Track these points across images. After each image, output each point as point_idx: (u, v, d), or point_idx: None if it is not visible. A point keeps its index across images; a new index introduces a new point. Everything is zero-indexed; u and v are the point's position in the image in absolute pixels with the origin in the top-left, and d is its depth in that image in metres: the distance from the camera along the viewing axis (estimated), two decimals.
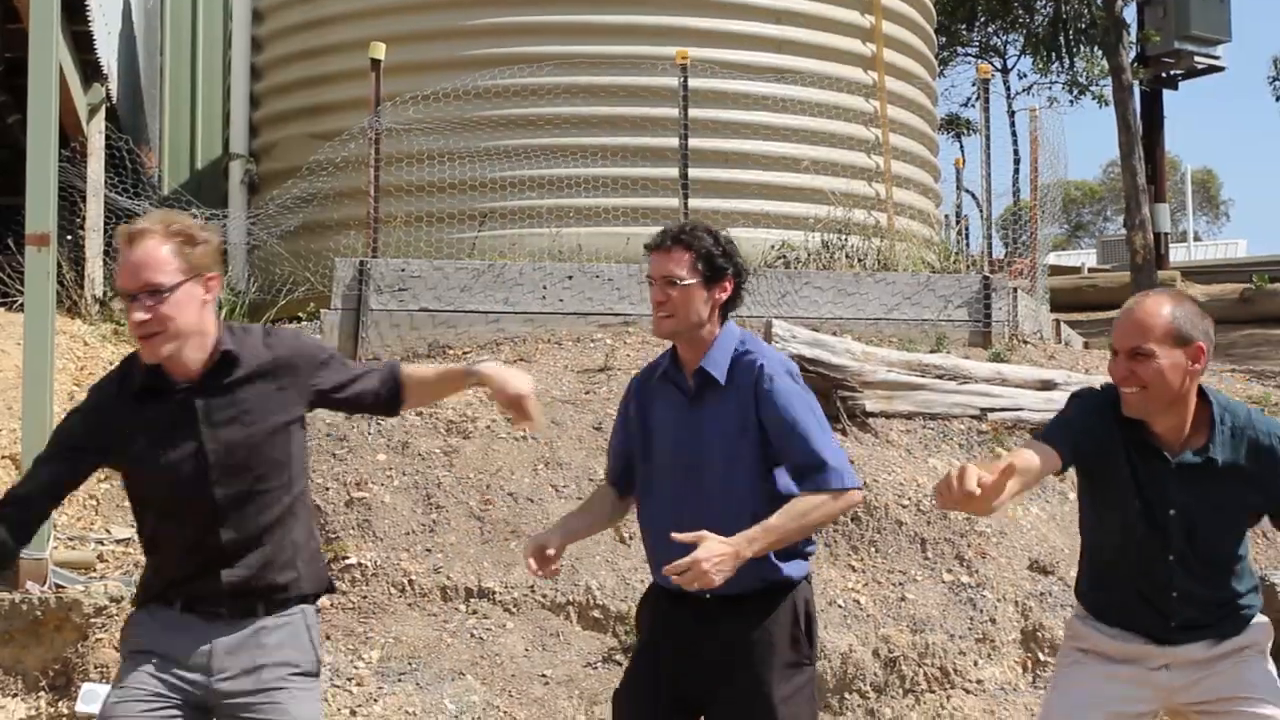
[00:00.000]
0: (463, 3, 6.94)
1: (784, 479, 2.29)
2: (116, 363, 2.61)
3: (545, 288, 5.97)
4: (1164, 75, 12.48)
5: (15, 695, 4.18)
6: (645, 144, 6.58)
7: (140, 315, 2.01)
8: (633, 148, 6.56)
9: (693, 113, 6.23)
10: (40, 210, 4.14)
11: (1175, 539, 2.18)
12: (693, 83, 6.32)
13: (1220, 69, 13.91)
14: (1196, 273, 14.20)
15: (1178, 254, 14.39)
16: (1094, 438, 2.16)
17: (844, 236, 6.34)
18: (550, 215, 6.25)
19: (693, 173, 6.12)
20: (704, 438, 2.30)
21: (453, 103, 6.37)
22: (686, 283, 2.41)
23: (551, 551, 2.46)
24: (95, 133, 6.67)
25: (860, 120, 6.98)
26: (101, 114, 6.74)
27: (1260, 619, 2.29)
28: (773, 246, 6.34)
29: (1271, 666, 2.30)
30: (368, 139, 6.13)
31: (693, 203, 6.04)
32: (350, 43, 6.77)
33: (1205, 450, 2.19)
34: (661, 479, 2.34)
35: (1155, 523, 2.17)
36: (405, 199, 6.44)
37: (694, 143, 6.14)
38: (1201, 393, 2.19)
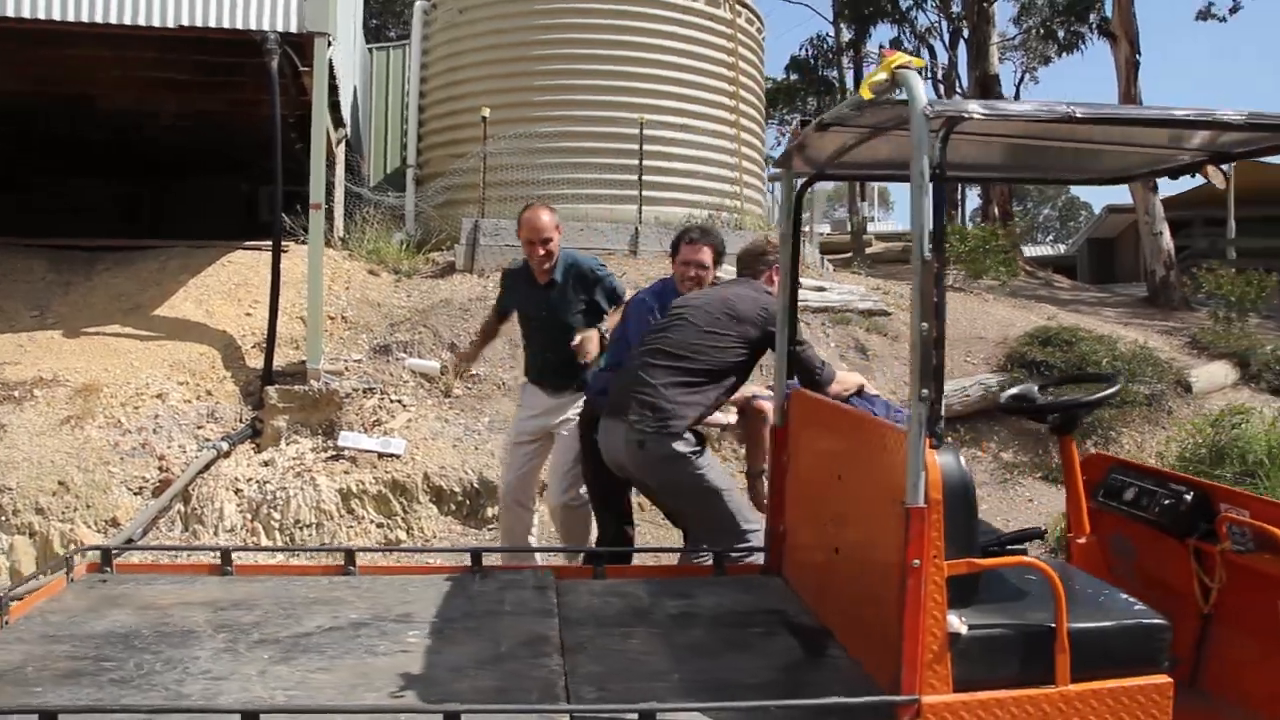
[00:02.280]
0: (527, 88, 10.35)
1: None
2: (350, 273, 6.55)
3: (568, 234, 9.30)
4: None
5: (305, 437, 6.49)
6: (620, 162, 9.90)
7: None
8: (613, 165, 9.97)
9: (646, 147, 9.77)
10: (317, 191, 6.86)
11: None
12: (646, 132, 9.77)
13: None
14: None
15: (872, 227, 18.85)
16: None
17: (720, 211, 10.08)
18: (572, 198, 9.64)
19: (647, 178, 9.71)
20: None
21: (521, 140, 9.84)
22: (708, 266, 4.14)
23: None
24: (339, 153, 9.73)
25: (727, 153, 10.74)
26: (343, 144, 9.96)
27: None
28: (686, 217, 9.83)
29: None
30: (480, 156, 9.67)
31: (645, 193, 9.70)
32: (470, 108, 10.20)
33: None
34: None
35: None
36: (498, 188, 9.70)
37: (647, 162, 9.75)
38: None
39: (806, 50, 18.76)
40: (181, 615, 2.81)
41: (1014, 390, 3.44)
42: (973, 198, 22.22)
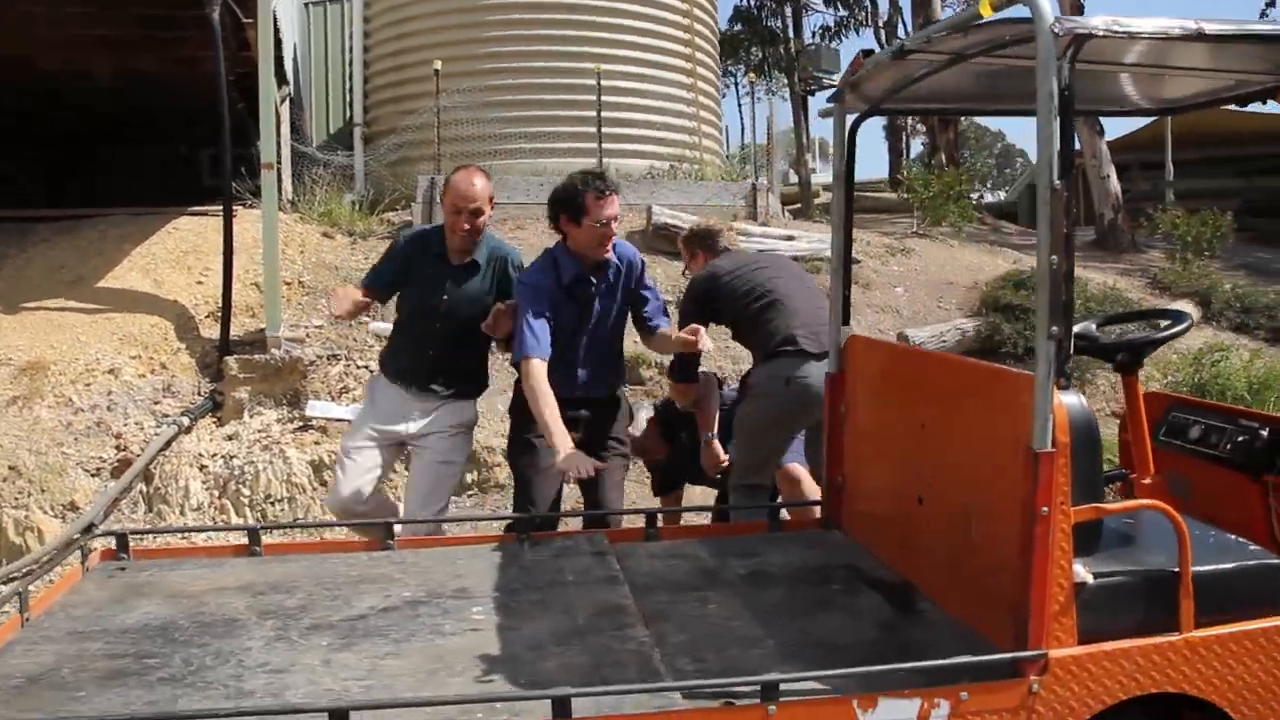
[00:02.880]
0: (479, 39, 9.89)
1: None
2: (303, 236, 6.18)
3: (528, 189, 8.55)
4: (809, 90, 18.34)
5: (269, 408, 6.10)
6: (578, 114, 9.59)
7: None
8: (571, 116, 9.68)
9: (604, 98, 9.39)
10: (268, 150, 6.51)
11: None
12: (604, 82, 9.35)
13: (834, 85, 19.12)
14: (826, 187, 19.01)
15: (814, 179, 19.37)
16: None
17: (682, 163, 9.84)
18: (531, 151, 9.38)
19: (606, 130, 9.33)
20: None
21: (475, 93, 9.41)
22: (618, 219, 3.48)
23: None
24: (284, 112, 9.08)
25: (685, 103, 10.56)
26: (287, 102, 9.38)
27: None
28: (647, 169, 9.71)
29: None
30: (433, 111, 9.09)
31: (605, 145, 9.33)
32: (418, 61, 9.76)
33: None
34: None
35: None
36: (453, 144, 9.11)
37: (605, 114, 9.37)
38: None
39: (750, 1, 18.49)
40: (218, 602, 2.55)
41: (1075, 329, 3.32)
42: (915, 145, 22.28)
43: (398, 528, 3.14)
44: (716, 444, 4.12)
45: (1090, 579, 2.17)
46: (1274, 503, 2.88)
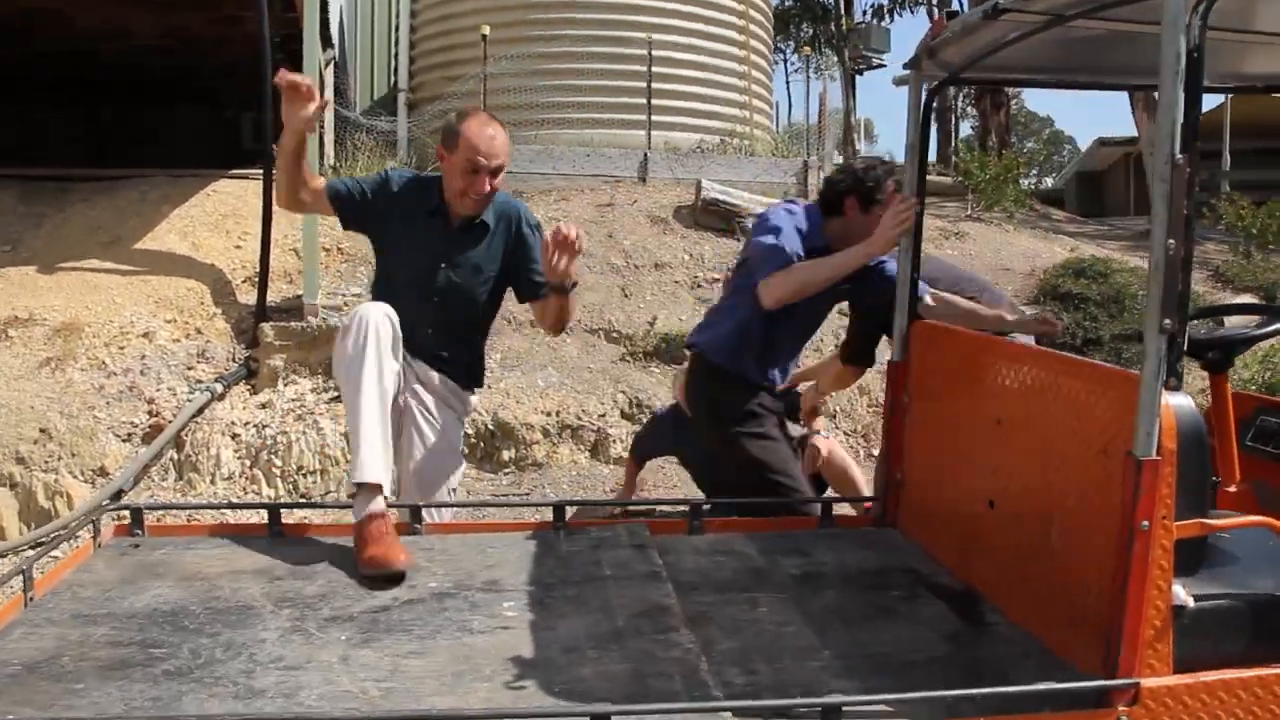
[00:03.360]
0: (528, 5, 9.70)
1: None
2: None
3: (574, 160, 8.63)
4: (858, 69, 18.48)
5: (304, 377, 5.98)
6: (628, 84, 9.39)
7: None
8: (620, 87, 9.45)
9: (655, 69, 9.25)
10: None
11: None
12: (655, 53, 9.24)
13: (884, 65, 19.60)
14: None
15: None
16: None
17: (732, 138, 9.55)
18: (578, 123, 9.16)
19: (655, 102, 9.19)
20: None
21: (523, 60, 9.20)
22: None
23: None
24: (328, 75, 9.14)
25: (736, 75, 10.25)
26: (331, 65, 9.33)
27: None
28: (697, 143, 9.47)
29: None
30: (480, 79, 9.03)
31: (654, 117, 9.16)
32: (465, 27, 9.63)
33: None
34: None
35: None
36: (498, 112, 9.58)
37: (655, 85, 9.26)
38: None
39: None
40: (233, 587, 2.39)
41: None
42: (964, 128, 21.74)
43: (428, 512, 2.94)
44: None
45: (1191, 602, 1.95)
46: None
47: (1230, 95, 11.56)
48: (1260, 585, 2.05)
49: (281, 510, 2.84)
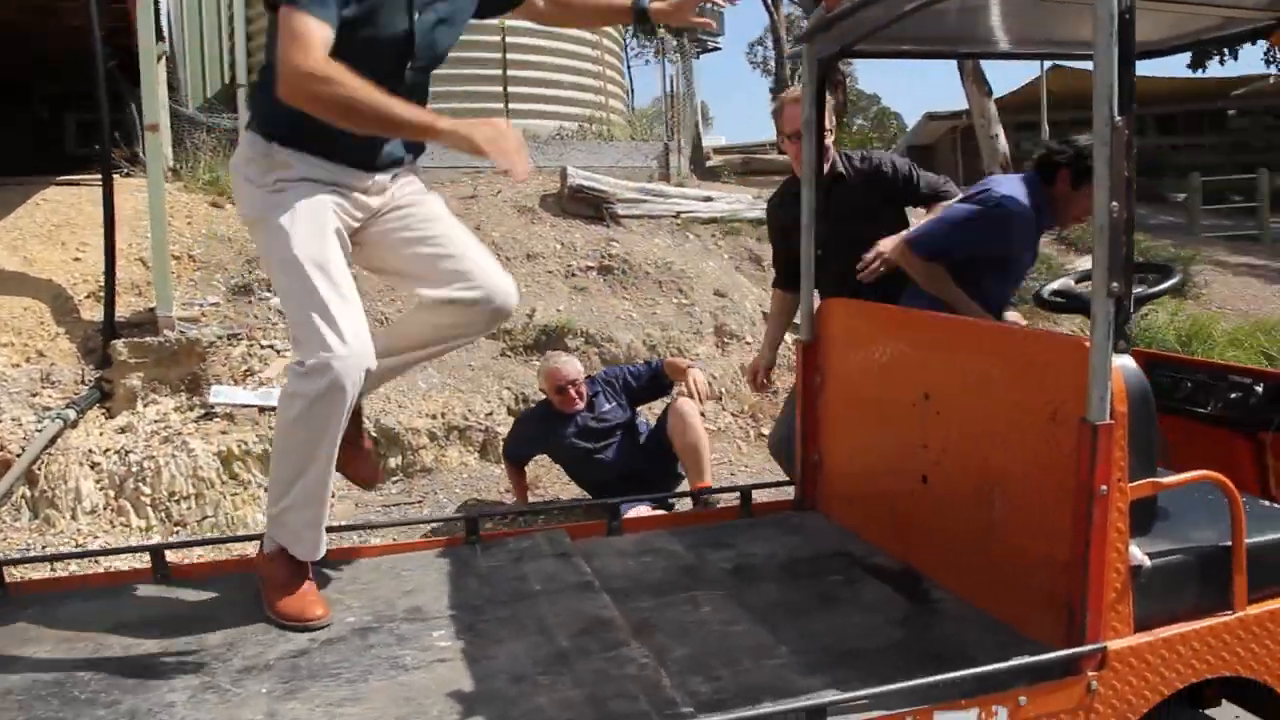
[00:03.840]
0: None
1: None
2: (189, 206, 5.47)
3: (430, 152, 8.67)
4: (696, 52, 18.81)
5: (165, 396, 5.47)
6: (483, 73, 9.20)
7: None
8: (476, 75, 9.16)
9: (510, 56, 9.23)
10: (152, 109, 5.90)
11: None
12: (509, 39, 9.15)
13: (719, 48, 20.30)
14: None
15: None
16: None
17: (590, 124, 9.45)
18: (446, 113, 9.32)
19: (511, 89, 9.15)
20: None
21: None
22: None
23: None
24: (161, 70, 8.13)
25: (590, 60, 10.24)
26: (163, 60, 8.34)
27: None
28: (556, 129, 9.31)
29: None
30: None
31: (511, 105, 9.02)
32: None
33: None
34: None
35: None
36: None
37: (511, 72, 9.19)
38: None
39: None
40: (124, 644, 2.13)
41: (1053, 285, 3.11)
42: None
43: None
44: None
45: (1147, 562, 1.94)
46: (1273, 461, 2.73)
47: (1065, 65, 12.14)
48: (1205, 537, 2.06)
49: (165, 550, 2.57)
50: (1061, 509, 1.93)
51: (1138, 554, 1.92)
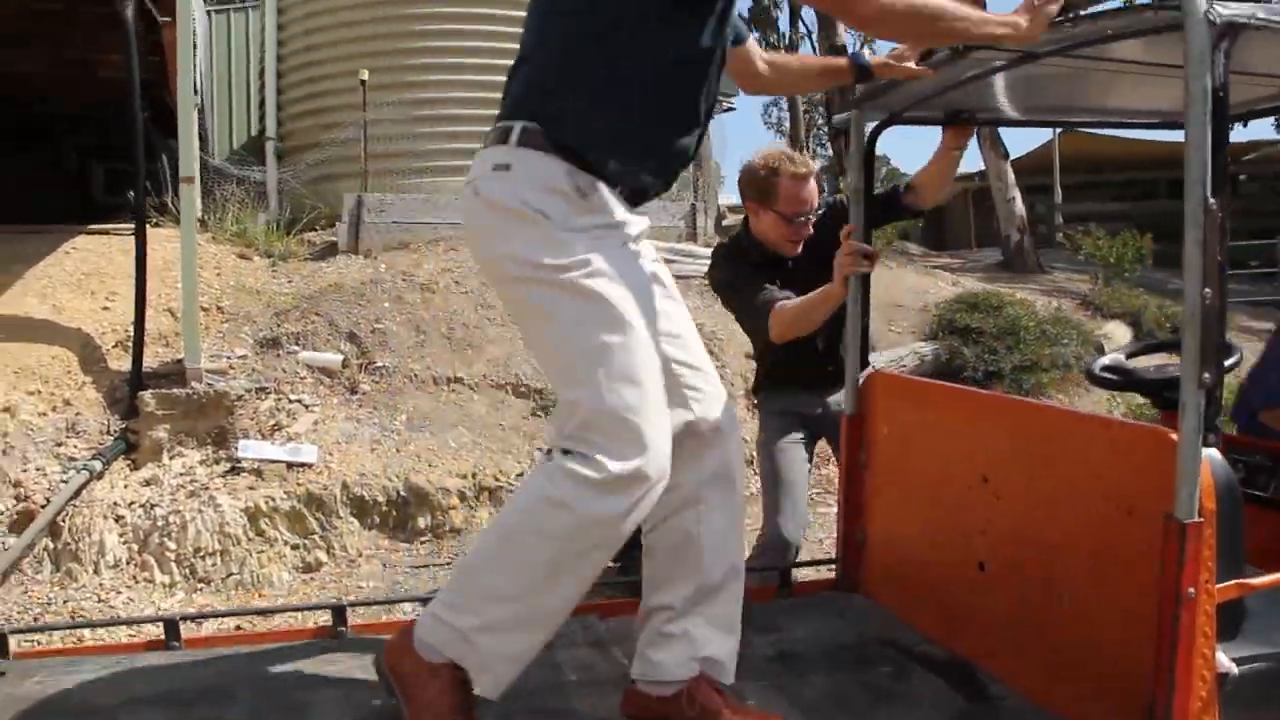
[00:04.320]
0: (405, 50, 9.09)
1: None
2: (218, 257, 5.34)
3: (458, 212, 7.95)
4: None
5: (192, 449, 5.47)
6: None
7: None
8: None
9: None
10: (188, 162, 6.03)
11: None
12: None
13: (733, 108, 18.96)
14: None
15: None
16: None
17: None
18: (463, 170, 9.04)
19: None
20: None
21: (403, 107, 8.78)
22: None
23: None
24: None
25: None
26: (196, 112, 8.06)
27: None
28: None
29: None
30: (359, 125, 8.50)
31: None
32: (338, 73, 9.17)
33: None
34: None
35: None
36: (378, 160, 8.57)
37: None
38: None
39: None
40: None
41: (1104, 361, 3.00)
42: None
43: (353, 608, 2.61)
44: None
45: (1235, 669, 1.81)
46: None
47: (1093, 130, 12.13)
48: None
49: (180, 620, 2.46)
50: (1140, 607, 1.81)
51: (1225, 660, 1.79)
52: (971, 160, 14.02)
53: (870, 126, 2.86)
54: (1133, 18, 1.84)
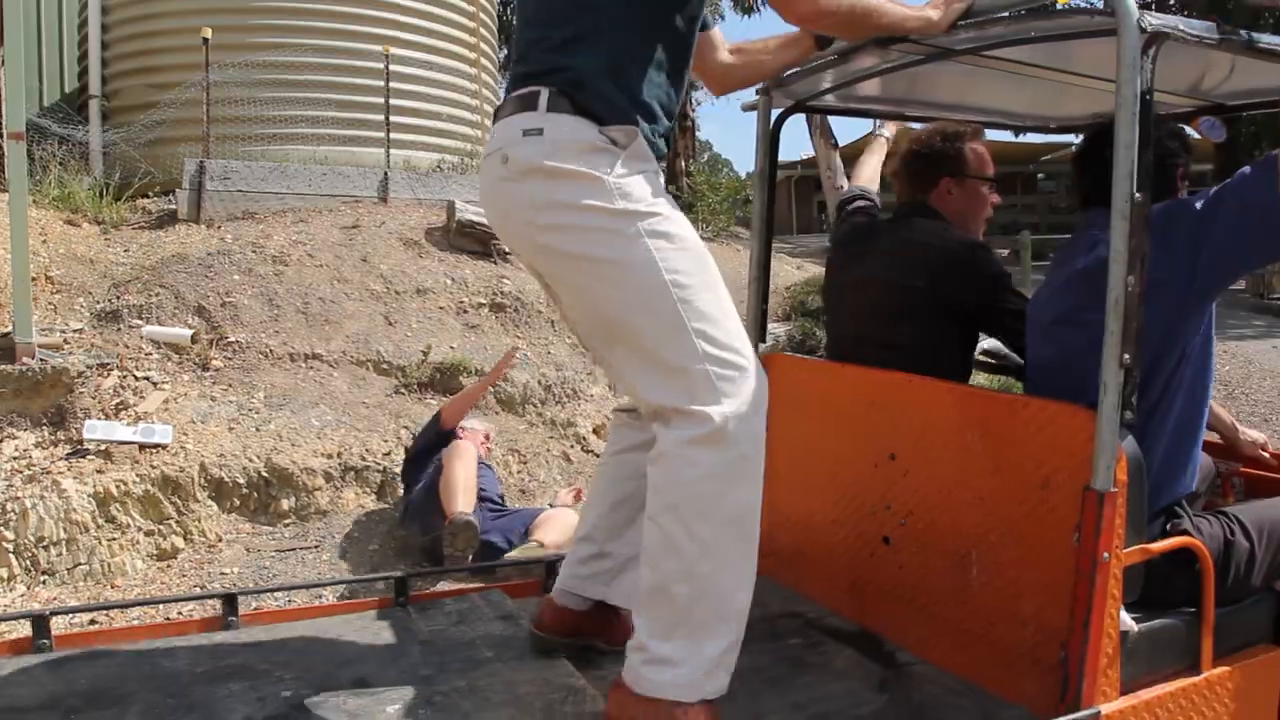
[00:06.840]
0: (249, 9, 8.77)
1: None
2: (43, 223, 4.66)
3: (309, 179, 8.02)
4: None
5: (25, 430, 5.07)
6: (364, 100, 8.81)
7: None
8: (356, 102, 8.82)
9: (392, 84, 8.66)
10: (16, 116, 5.46)
11: None
12: (392, 67, 8.67)
13: None
14: None
15: None
16: None
17: (471, 158, 9.26)
18: (312, 138, 8.51)
19: (392, 119, 8.62)
20: None
21: (247, 69, 8.36)
22: None
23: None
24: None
25: (468, 93, 10.07)
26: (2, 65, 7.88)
27: None
28: (436, 162, 9.10)
29: None
30: (200, 86, 8.04)
31: (393, 135, 8.65)
32: (174, 28, 8.74)
33: None
34: None
35: None
36: (225, 125, 8.27)
37: (393, 101, 8.67)
38: None
39: None
40: None
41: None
42: None
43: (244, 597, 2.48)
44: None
45: (1135, 627, 1.97)
46: None
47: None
48: (1173, 600, 2.11)
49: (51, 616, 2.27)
50: (1052, 575, 1.93)
51: (1127, 619, 1.94)
52: (791, 149, 14.45)
53: (776, 113, 2.90)
54: (1063, 21, 1.94)
